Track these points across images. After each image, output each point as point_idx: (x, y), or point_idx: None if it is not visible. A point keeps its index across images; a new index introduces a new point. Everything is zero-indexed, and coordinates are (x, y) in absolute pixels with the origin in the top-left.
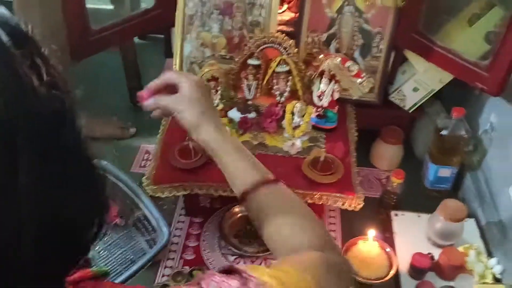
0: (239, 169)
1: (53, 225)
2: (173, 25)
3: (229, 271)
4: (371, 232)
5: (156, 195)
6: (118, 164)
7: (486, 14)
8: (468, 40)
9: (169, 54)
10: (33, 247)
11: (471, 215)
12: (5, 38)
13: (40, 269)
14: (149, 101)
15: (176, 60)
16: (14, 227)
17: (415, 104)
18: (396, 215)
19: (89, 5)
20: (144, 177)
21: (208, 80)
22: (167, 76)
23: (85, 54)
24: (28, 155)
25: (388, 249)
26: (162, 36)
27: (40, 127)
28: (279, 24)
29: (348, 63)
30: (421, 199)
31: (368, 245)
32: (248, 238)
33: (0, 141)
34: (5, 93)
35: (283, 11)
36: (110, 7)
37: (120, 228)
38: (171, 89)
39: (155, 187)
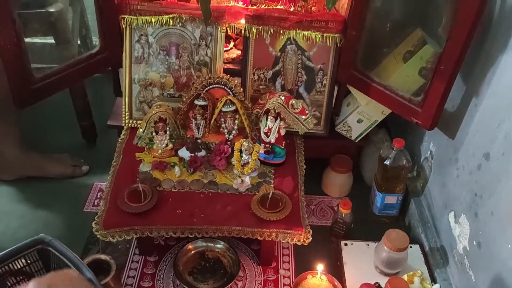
0: None
1: None
2: (120, 66)
3: None
4: (320, 267)
5: (107, 240)
6: (71, 204)
7: (419, 51)
8: (403, 76)
9: (118, 92)
10: None
11: (416, 240)
12: None
13: None
14: None
15: (125, 100)
16: None
17: (361, 134)
18: (345, 244)
19: (29, 40)
20: (94, 222)
21: (156, 122)
22: None
23: (28, 103)
24: None
25: (336, 282)
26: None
27: None
28: (226, 62)
29: (292, 101)
30: (370, 225)
31: (317, 279)
32: (203, 275)
33: None
34: None
35: (230, 49)
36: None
37: None
38: None
39: (105, 232)
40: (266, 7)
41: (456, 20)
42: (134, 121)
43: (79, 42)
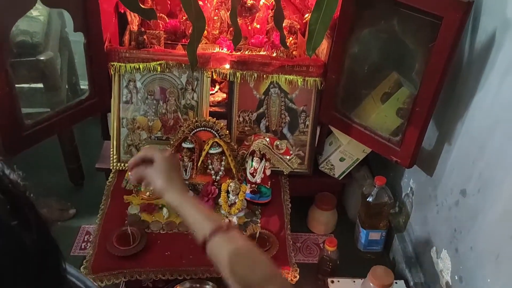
0: (195, 222)
1: None
2: (109, 111)
3: None
4: None
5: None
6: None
7: (395, 93)
8: (382, 116)
9: (106, 136)
10: None
11: (401, 276)
12: None
13: None
14: (131, 174)
15: (113, 143)
16: None
17: (343, 172)
18: (332, 282)
19: (17, 85)
20: (82, 267)
21: None
22: (143, 153)
23: (19, 150)
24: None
25: None
26: None
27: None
28: (212, 105)
29: (277, 142)
30: (356, 262)
31: None
32: None
33: None
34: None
35: (215, 92)
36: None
37: None
38: (148, 162)
39: (94, 276)
40: (249, 53)
41: (427, 67)
42: (122, 164)
43: (67, 87)
